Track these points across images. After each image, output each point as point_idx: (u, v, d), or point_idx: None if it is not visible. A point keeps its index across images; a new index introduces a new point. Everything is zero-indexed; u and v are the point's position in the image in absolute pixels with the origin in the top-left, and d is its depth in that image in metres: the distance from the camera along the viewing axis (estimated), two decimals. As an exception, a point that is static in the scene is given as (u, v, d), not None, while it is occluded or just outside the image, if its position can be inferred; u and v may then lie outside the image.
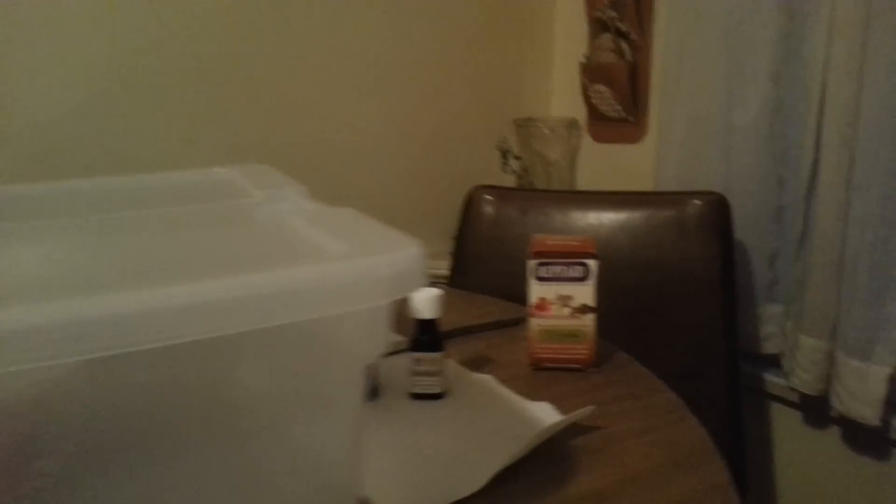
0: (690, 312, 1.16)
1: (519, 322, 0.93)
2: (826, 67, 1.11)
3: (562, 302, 0.76)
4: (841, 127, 1.10)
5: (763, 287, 1.28)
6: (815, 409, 1.25)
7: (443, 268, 1.42)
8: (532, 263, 0.76)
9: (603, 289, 1.26)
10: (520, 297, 1.13)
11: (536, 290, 0.76)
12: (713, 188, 1.26)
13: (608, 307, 1.20)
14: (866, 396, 1.08)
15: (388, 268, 0.39)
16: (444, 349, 0.71)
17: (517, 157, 1.71)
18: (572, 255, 0.74)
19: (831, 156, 1.12)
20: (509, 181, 1.73)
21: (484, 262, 1.31)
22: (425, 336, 0.70)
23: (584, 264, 0.74)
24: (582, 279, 0.75)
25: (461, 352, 0.84)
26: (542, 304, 0.76)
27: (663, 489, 0.54)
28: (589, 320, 0.76)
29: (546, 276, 0.75)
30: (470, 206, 1.33)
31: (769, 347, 1.29)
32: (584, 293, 0.75)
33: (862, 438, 1.20)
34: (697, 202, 1.17)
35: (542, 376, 0.76)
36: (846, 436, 1.23)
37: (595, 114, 1.69)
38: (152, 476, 0.40)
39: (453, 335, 0.88)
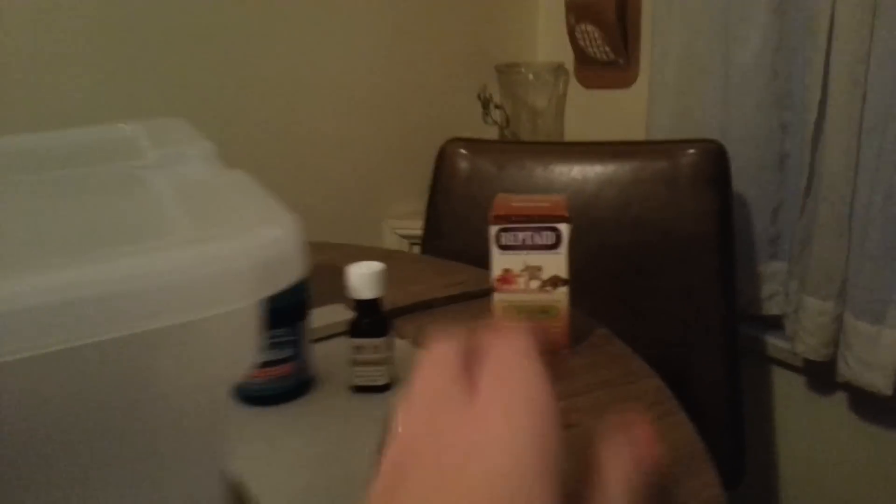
0: (684, 275, 1.05)
1: (489, 293, 0.83)
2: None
3: (529, 274, 0.65)
4: (851, 64, 0.97)
5: (764, 243, 1.17)
6: (821, 375, 1.15)
7: (416, 228, 1.31)
8: (493, 230, 0.64)
9: (589, 251, 1.15)
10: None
11: (499, 261, 0.65)
12: (709, 135, 1.14)
13: (594, 271, 1.09)
14: (878, 363, 0.98)
15: (247, 257, 0.28)
16: (389, 333, 0.60)
17: (498, 107, 1.59)
18: (540, 219, 0.63)
19: (840, 96, 0.99)
20: (491, 133, 1.61)
21: (459, 222, 1.20)
22: (366, 319, 0.60)
23: (554, 229, 0.63)
24: (552, 247, 0.63)
25: (420, 329, 0.74)
26: (507, 277, 0.66)
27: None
28: (561, 294, 0.65)
29: (510, 243, 0.64)
30: (442, 160, 1.21)
31: (771, 308, 1.19)
32: (556, 263, 0.64)
33: (870, 406, 1.11)
34: (692, 151, 1.05)
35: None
36: (853, 403, 1.13)
37: (583, 57, 1.55)
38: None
39: (413, 310, 0.78)
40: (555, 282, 0.65)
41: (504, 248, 0.64)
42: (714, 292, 1.05)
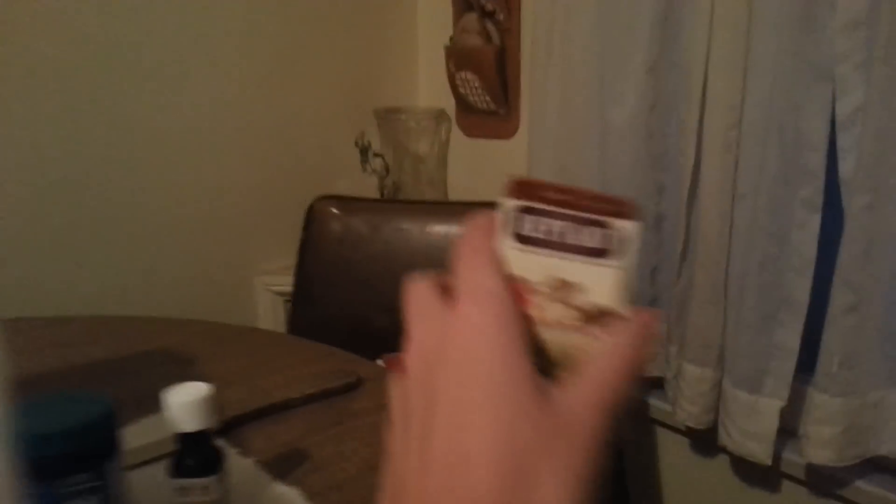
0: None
1: (351, 388, 0.74)
2: (708, 59, 0.97)
3: (557, 293, 0.36)
4: (724, 128, 0.97)
5: (644, 304, 1.15)
6: (703, 439, 1.14)
7: (290, 284, 1.21)
8: (509, 207, 0.34)
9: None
10: (376, 332, 0.94)
11: (514, 261, 0.35)
12: (589, 194, 1.11)
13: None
14: (757, 432, 0.96)
15: None
16: (221, 468, 0.51)
17: (378, 155, 1.51)
18: (592, 207, 0.34)
19: (714, 161, 0.99)
20: (371, 182, 1.53)
21: (330, 285, 1.11)
22: (190, 457, 0.50)
23: (609, 227, 0.34)
24: (604, 254, 0.34)
25: (271, 440, 0.64)
26: (521, 289, 0.35)
27: None
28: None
29: (535, 234, 0.35)
30: (312, 220, 1.12)
31: (652, 370, 1.17)
32: (609, 284, 0.34)
33: (752, 469, 1.10)
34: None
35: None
36: (736, 465, 1.12)
37: (464, 105, 1.51)
38: None
39: (262, 414, 0.68)
40: (603, 316, 0.34)
41: (525, 240, 0.34)
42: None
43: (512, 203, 0.33)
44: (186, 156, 1.34)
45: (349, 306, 1.10)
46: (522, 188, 0.34)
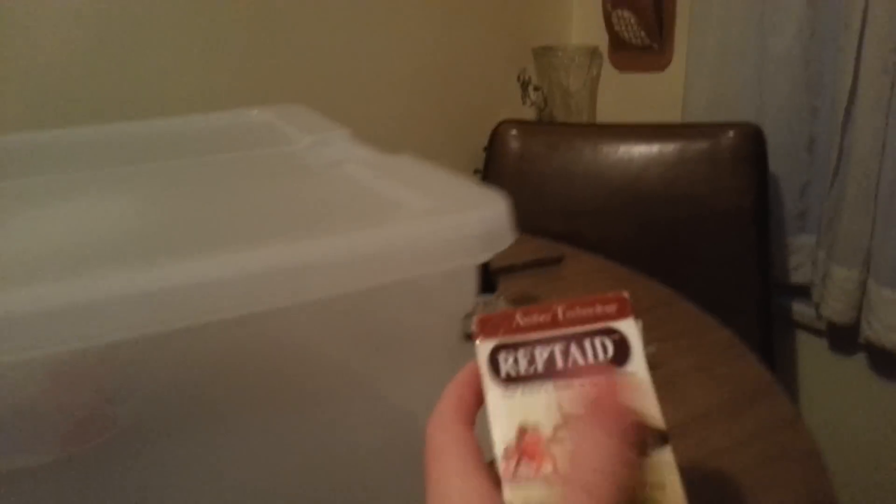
0: (723, 246, 1.15)
1: (557, 261, 0.93)
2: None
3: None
4: (883, 52, 1.07)
5: (793, 218, 1.27)
6: (843, 338, 1.26)
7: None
8: (483, 351, 0.29)
9: (635, 225, 1.25)
10: (552, 235, 1.12)
11: (505, 413, 0.28)
12: (743, 118, 1.23)
13: (639, 244, 1.20)
14: (898, 325, 1.09)
15: (481, 224, 0.38)
16: (496, 289, 0.71)
17: (537, 89, 1.68)
18: (575, 321, 0.29)
19: (870, 83, 1.09)
20: (529, 114, 1.70)
21: (511, 196, 1.30)
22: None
23: (612, 332, 0.29)
24: (619, 362, 0.28)
25: (505, 291, 0.84)
26: (527, 447, 0.27)
27: (731, 425, 0.55)
28: (665, 464, 0.26)
29: (521, 373, 0.28)
30: (495, 142, 1.31)
31: (798, 277, 1.29)
32: (636, 393, 0.28)
33: (889, 365, 1.22)
34: (732, 133, 1.15)
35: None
36: (873, 363, 1.24)
37: (618, 41, 1.64)
38: (234, 437, 0.40)
39: (496, 274, 0.88)
40: (639, 439, 0.27)
41: (511, 381, 0.28)
42: (751, 262, 1.15)
43: (485, 346, 0.29)
44: (368, 95, 1.55)
45: (528, 215, 1.29)
46: (490, 325, 0.29)
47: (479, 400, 0.28)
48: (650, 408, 0.27)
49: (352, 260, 0.35)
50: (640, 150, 1.21)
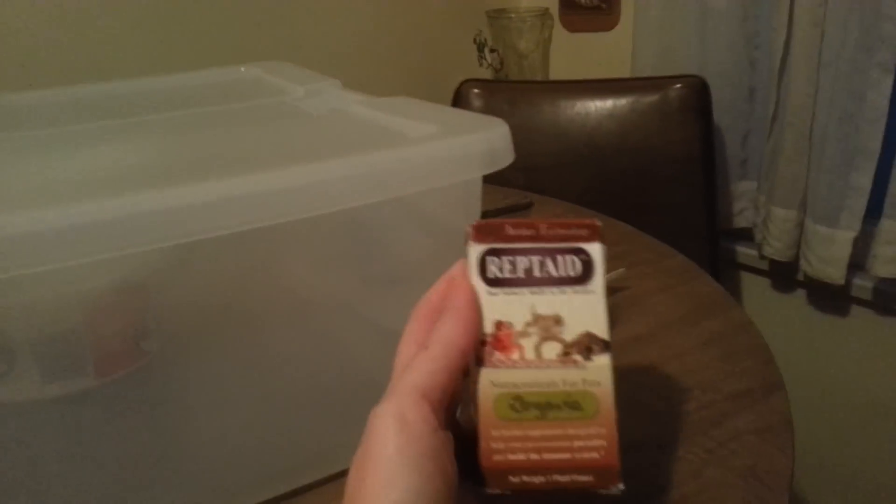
0: (674, 194, 1.24)
1: (526, 207, 0.99)
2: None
3: (542, 331, 0.35)
4: (812, 6, 1.15)
5: (736, 165, 1.37)
6: (783, 276, 1.37)
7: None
8: (474, 252, 0.35)
9: (592, 176, 1.32)
10: (513, 186, 1.18)
11: (489, 307, 0.34)
12: (689, 72, 1.31)
13: (596, 194, 1.27)
14: (832, 259, 1.19)
15: (486, 143, 0.44)
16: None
17: (493, 50, 1.73)
18: (557, 236, 0.35)
19: (802, 35, 1.18)
20: (486, 75, 1.75)
21: (474, 154, 1.36)
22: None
23: (580, 251, 0.35)
24: (579, 280, 0.35)
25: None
26: (502, 337, 0.34)
27: (693, 330, 0.62)
28: (601, 369, 0.33)
29: (505, 275, 0.35)
30: (458, 100, 1.36)
31: (741, 222, 1.39)
32: (587, 310, 0.34)
33: (825, 299, 1.33)
34: (679, 86, 1.23)
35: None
36: (810, 298, 1.36)
37: (567, 3, 1.70)
38: (249, 350, 0.45)
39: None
40: (587, 344, 0.34)
41: (494, 283, 0.34)
42: (698, 208, 1.24)
43: (476, 248, 0.34)
44: (330, 57, 1.58)
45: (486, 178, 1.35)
46: (483, 231, 0.34)
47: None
48: (600, 322, 0.33)
49: (367, 175, 0.40)
50: (596, 105, 1.27)
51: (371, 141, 0.46)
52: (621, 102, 1.25)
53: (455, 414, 0.34)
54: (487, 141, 0.44)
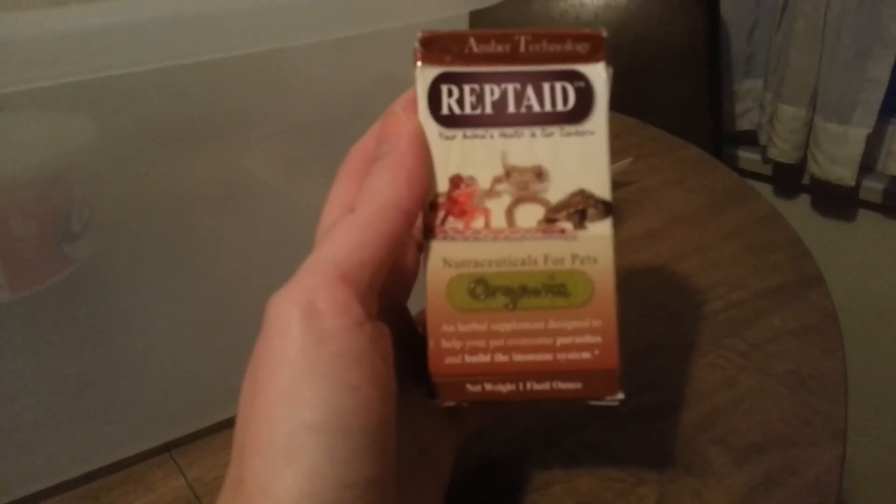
0: (677, 89, 1.14)
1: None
2: None
3: (517, 188, 0.23)
4: None
5: (740, 63, 1.27)
6: (787, 181, 1.29)
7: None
8: (424, 77, 0.23)
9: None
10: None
11: (442, 155, 0.23)
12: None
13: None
14: (844, 158, 1.11)
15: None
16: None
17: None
18: (535, 58, 0.23)
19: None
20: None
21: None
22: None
23: (578, 76, 0.24)
24: (574, 117, 0.23)
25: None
26: (459, 198, 0.23)
27: (714, 223, 0.55)
28: (601, 240, 0.23)
29: (466, 111, 0.23)
30: None
31: (744, 124, 1.31)
32: (584, 159, 0.23)
33: (830, 203, 1.26)
34: (682, -29, 1.12)
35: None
36: (815, 203, 1.28)
37: None
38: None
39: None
40: (580, 207, 0.23)
41: (451, 121, 0.23)
42: (702, 106, 1.15)
43: (426, 72, 0.23)
44: None
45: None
46: (435, 47, 0.23)
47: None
48: (599, 175, 0.23)
49: (353, 4, 0.32)
50: (590, -5, 1.16)
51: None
52: (619, -9, 1.14)
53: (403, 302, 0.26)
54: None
